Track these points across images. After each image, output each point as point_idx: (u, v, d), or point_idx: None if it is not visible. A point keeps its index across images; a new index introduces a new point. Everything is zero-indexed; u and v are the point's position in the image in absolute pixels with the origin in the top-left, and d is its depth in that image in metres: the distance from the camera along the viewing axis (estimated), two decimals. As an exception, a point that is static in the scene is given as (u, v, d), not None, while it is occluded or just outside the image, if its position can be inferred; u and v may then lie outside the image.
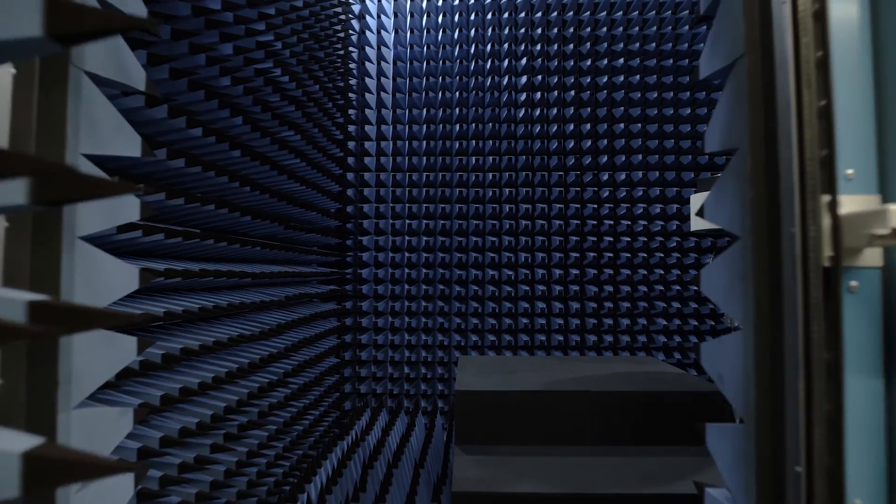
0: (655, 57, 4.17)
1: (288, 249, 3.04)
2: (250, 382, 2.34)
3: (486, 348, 4.13)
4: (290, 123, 2.75)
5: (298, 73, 2.81)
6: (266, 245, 2.64)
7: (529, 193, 4.13)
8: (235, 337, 2.04)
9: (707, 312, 4.12)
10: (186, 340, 1.79)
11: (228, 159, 2.14)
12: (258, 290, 2.67)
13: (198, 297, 2.05)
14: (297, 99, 2.79)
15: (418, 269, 4.14)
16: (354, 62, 4.13)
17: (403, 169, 4.18)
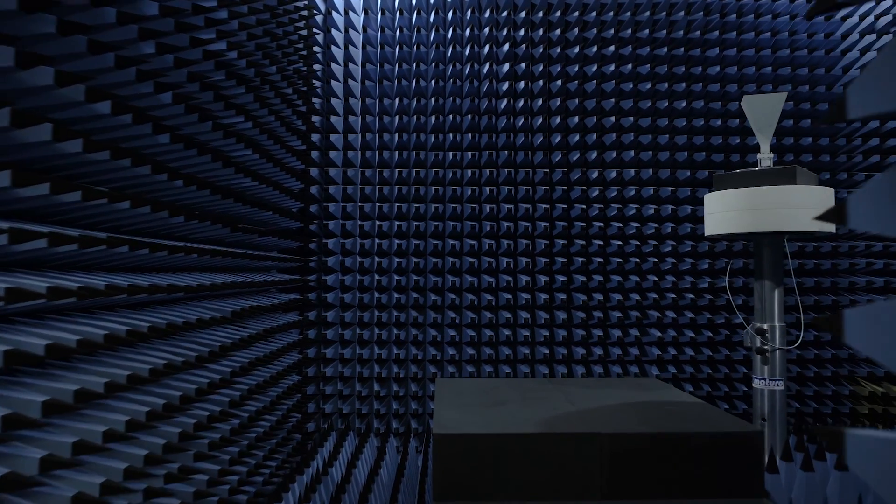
0: (649, 45, 3.84)
1: (239, 256, 2.63)
2: (199, 411, 1.94)
3: (464, 362, 3.77)
4: (238, 108, 2.35)
5: (251, 50, 2.41)
6: (207, 252, 2.23)
7: (512, 192, 3.77)
8: (161, 367, 1.64)
9: (704, 322, 3.81)
10: (90, 377, 1.39)
11: (153, 146, 1.74)
12: (200, 304, 2.26)
13: (115, 316, 1.65)
14: (247, 80, 2.39)
15: (389, 274, 3.75)
16: (320, 46, 3.73)
17: (373, 165, 3.79)
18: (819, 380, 3.89)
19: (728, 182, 2.46)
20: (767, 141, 2.58)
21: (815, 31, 3.90)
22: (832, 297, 3.89)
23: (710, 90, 3.83)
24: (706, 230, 2.59)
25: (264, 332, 2.78)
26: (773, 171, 2.34)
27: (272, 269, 3.43)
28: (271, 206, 3.07)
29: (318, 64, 3.75)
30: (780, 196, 2.26)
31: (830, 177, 3.92)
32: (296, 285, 3.66)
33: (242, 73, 2.35)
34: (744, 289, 3.91)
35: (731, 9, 3.87)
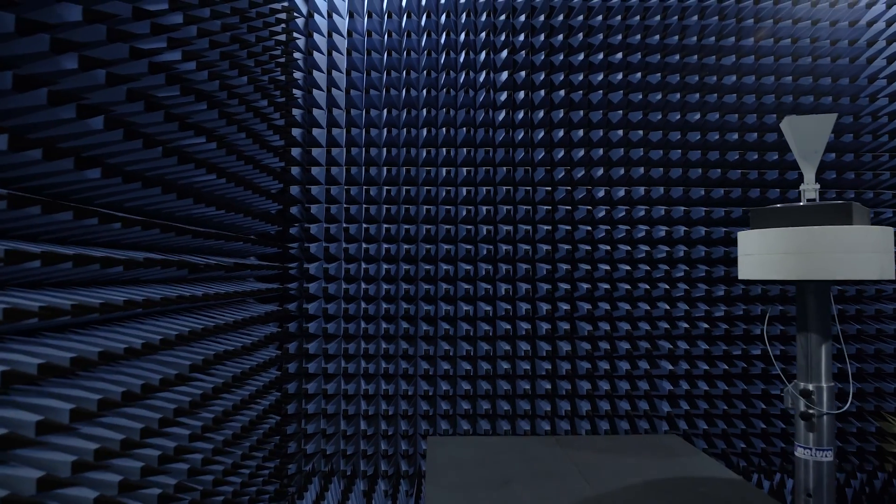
0: (659, 51, 3.54)
1: (195, 268, 2.32)
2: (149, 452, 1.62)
3: (458, 397, 3.46)
4: (197, 128, 2.04)
5: (213, 60, 2.09)
6: (173, 263, 1.91)
7: (510, 212, 3.47)
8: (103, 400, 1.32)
9: (720, 354, 3.52)
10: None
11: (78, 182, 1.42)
12: (163, 321, 1.94)
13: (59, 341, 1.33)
14: (209, 95, 2.08)
15: (377, 302, 3.44)
16: (301, 52, 3.42)
17: (359, 182, 3.48)
18: (842, 416, 3.60)
19: (768, 219, 2.13)
20: (813, 169, 2.28)
21: (838, 38, 3.61)
22: (877, 344, 3.60)
23: (726, 101, 3.54)
24: (741, 273, 2.25)
25: (235, 361, 2.47)
26: (823, 208, 2.02)
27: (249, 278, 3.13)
28: (242, 232, 2.77)
29: (300, 72, 3.43)
30: (833, 238, 1.95)
31: (855, 196, 3.64)
32: (274, 293, 3.35)
33: (202, 87, 2.04)
34: (777, 334, 3.62)
35: (747, 12, 3.59)
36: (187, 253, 2.35)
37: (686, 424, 3.52)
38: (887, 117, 3.67)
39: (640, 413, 3.51)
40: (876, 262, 1.97)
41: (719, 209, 3.55)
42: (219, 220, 2.61)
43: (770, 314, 3.56)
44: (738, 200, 3.60)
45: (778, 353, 3.57)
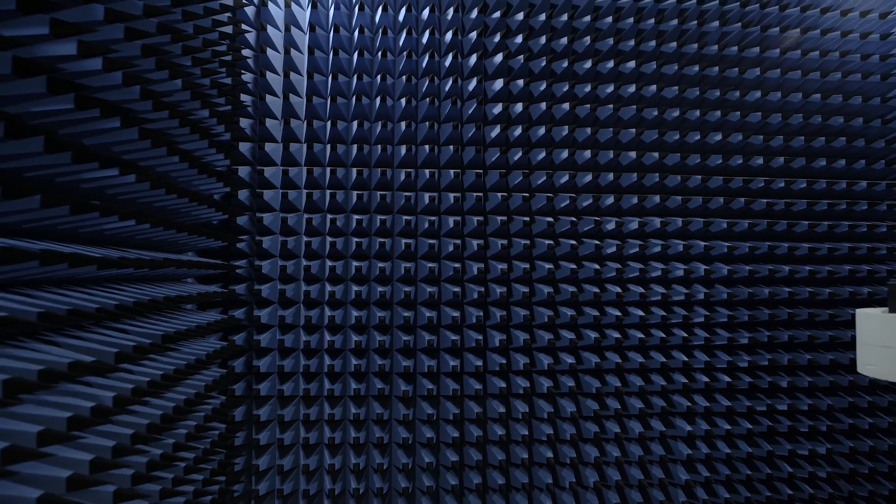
0: (676, 61, 3.10)
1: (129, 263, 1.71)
2: None
3: (442, 444, 2.92)
4: (104, 160, 1.46)
5: (127, 58, 1.51)
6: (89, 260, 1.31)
7: (505, 248, 2.95)
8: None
9: (743, 410, 3.10)
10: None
11: None
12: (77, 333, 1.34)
13: None
14: (122, 108, 1.50)
15: (344, 332, 2.87)
16: (252, 49, 2.83)
17: (322, 209, 2.91)
18: (852, 456, 3.23)
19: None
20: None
21: (869, 53, 3.26)
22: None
23: (749, 121, 3.13)
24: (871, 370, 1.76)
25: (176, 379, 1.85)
26: None
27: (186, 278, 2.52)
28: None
29: (249, 73, 2.85)
30: None
31: (868, 229, 3.29)
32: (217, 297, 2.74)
33: (107, 98, 1.45)
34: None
35: (772, 19, 3.19)
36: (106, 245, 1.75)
37: (705, 493, 3.08)
38: (919, 142, 3.34)
39: (654, 482, 3.05)
40: None
41: (743, 244, 3.14)
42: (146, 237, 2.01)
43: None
44: (763, 234, 3.19)
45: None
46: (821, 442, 3.22)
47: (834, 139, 3.24)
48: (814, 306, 3.26)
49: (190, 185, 2.35)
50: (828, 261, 3.29)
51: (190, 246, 2.61)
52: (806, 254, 3.21)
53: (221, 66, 2.42)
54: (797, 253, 3.20)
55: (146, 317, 2.08)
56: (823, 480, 3.22)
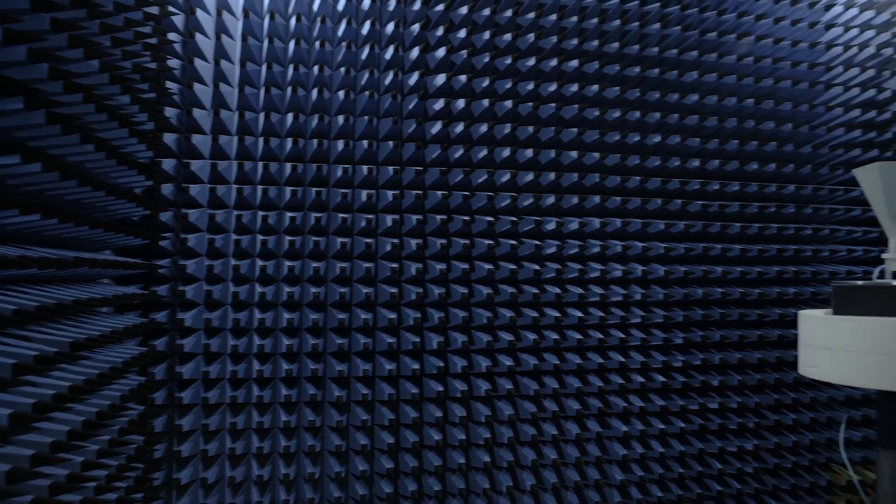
0: (618, 62, 3.11)
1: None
2: None
3: (377, 450, 2.85)
4: (14, 147, 1.31)
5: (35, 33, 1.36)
6: None
7: (444, 248, 2.89)
8: None
9: (677, 410, 3.16)
10: None
11: None
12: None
13: None
14: (28, 87, 1.35)
15: (275, 336, 2.75)
16: (180, 34, 2.66)
17: (253, 205, 2.77)
18: (777, 451, 3.36)
19: (865, 302, 1.63)
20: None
21: (799, 61, 3.36)
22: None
23: (687, 123, 3.17)
24: (813, 371, 1.75)
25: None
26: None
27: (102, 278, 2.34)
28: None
29: (177, 59, 2.67)
30: None
31: (795, 232, 3.41)
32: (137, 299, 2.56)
33: (9, 76, 1.30)
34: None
35: (710, 23, 3.24)
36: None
37: (639, 492, 3.13)
38: (843, 149, 3.47)
39: (590, 483, 3.07)
40: None
41: (679, 245, 3.19)
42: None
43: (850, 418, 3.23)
44: (698, 235, 3.25)
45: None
46: (748, 438, 3.32)
47: (765, 143, 3.33)
48: (744, 306, 3.35)
49: (107, 178, 2.17)
50: (758, 262, 3.39)
51: (107, 244, 2.43)
52: (738, 255, 3.30)
53: (145, 50, 2.25)
54: (730, 254, 3.28)
55: (54, 322, 1.91)
56: (750, 475, 3.33)
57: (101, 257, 2.30)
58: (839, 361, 1.64)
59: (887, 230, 1.89)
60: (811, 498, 3.42)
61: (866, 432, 3.48)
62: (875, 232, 3.53)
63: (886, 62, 3.57)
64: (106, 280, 2.54)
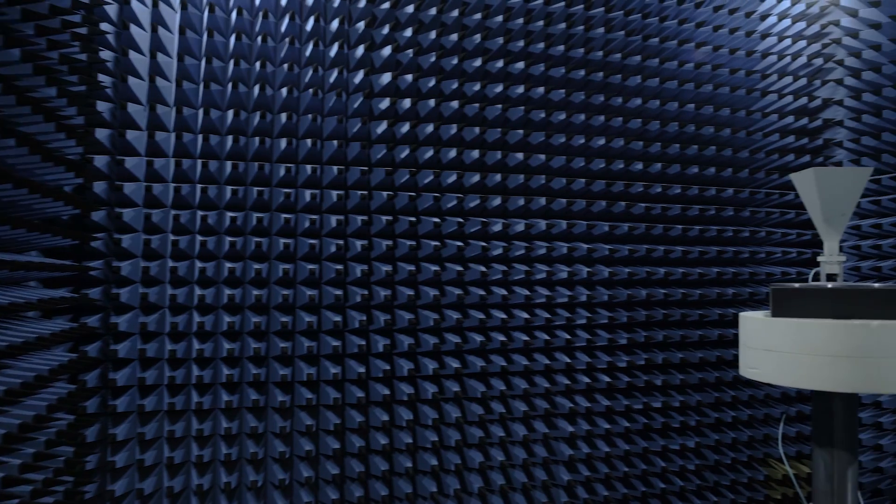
0: (563, 65, 3.14)
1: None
2: None
3: (322, 456, 2.79)
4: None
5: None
6: None
7: (390, 249, 2.86)
8: None
9: (621, 410, 3.21)
10: None
11: None
12: None
13: None
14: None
15: (215, 339, 2.67)
16: (112, 24, 2.55)
17: (192, 205, 2.68)
18: (717, 448, 3.45)
19: (801, 305, 1.65)
20: (837, 236, 1.92)
21: (737, 68, 3.47)
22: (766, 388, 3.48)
23: (630, 126, 3.23)
24: (753, 373, 1.79)
25: None
26: (880, 295, 1.57)
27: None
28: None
29: (110, 51, 2.56)
30: (894, 338, 1.55)
31: (734, 234, 3.52)
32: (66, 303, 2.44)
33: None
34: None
35: (653, 29, 3.31)
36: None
37: (585, 492, 3.16)
38: (778, 154, 3.61)
39: (538, 484, 3.08)
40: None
41: (623, 247, 3.25)
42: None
43: (789, 414, 3.30)
44: (641, 237, 3.32)
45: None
46: (690, 436, 3.40)
47: (705, 147, 3.42)
48: (686, 307, 3.43)
49: (32, 175, 2.06)
50: (698, 263, 3.48)
51: (33, 244, 2.31)
52: (679, 257, 3.38)
53: (74, 40, 2.15)
54: (672, 256, 3.36)
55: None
56: (692, 472, 3.40)
57: (26, 259, 2.19)
58: (777, 363, 1.69)
59: (822, 233, 1.96)
60: (749, 492, 3.52)
61: (800, 427, 3.61)
62: (808, 234, 3.67)
63: (817, 72, 3.72)
64: (32, 283, 2.41)
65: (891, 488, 3.03)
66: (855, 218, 3.49)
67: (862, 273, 3.41)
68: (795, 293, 1.75)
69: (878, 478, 3.14)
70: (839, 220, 1.91)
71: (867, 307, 1.63)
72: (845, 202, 1.90)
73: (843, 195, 1.90)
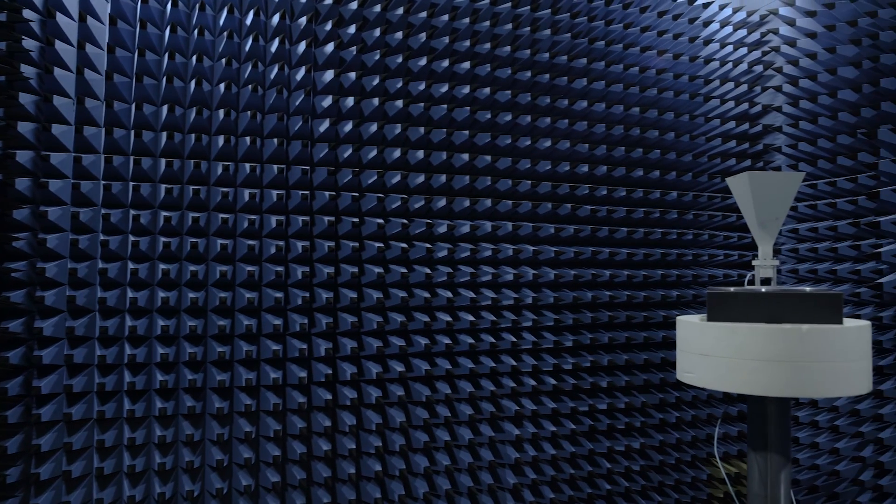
0: (509, 66, 3.15)
1: None
2: None
3: (262, 463, 2.72)
4: None
5: None
6: None
7: (332, 250, 2.82)
8: None
9: (567, 412, 3.23)
10: None
11: None
12: None
13: None
14: None
15: (149, 344, 2.58)
16: (37, 12, 2.45)
17: (125, 204, 2.59)
18: (662, 448, 3.51)
19: (736, 309, 1.66)
20: (771, 240, 1.95)
21: (681, 73, 3.54)
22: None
23: (576, 129, 3.26)
24: (690, 377, 1.80)
25: None
26: (811, 299, 1.59)
27: None
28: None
29: (34, 40, 2.45)
30: (825, 342, 1.57)
31: (678, 237, 3.59)
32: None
33: None
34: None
35: (598, 32, 3.35)
36: None
37: (531, 495, 3.16)
38: (720, 158, 3.69)
39: (484, 488, 3.07)
40: (867, 373, 1.64)
41: (569, 249, 3.27)
42: None
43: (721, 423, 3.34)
44: (587, 239, 3.35)
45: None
46: (635, 437, 3.45)
47: (650, 151, 3.48)
48: (631, 309, 3.48)
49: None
50: (643, 266, 3.54)
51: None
52: (625, 259, 3.43)
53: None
54: (617, 258, 3.40)
55: None
56: (637, 473, 3.45)
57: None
58: (712, 367, 1.71)
59: (757, 237, 2.00)
60: (693, 492, 3.59)
61: (741, 427, 3.70)
62: (749, 237, 3.77)
63: (757, 78, 3.84)
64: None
65: (826, 485, 3.13)
66: (793, 222, 3.61)
67: (800, 275, 3.52)
68: (729, 297, 1.78)
69: (814, 474, 3.23)
70: (773, 223, 1.96)
71: (798, 311, 1.67)
72: (779, 206, 1.95)
73: (776, 199, 1.94)
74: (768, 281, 1.95)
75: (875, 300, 3.00)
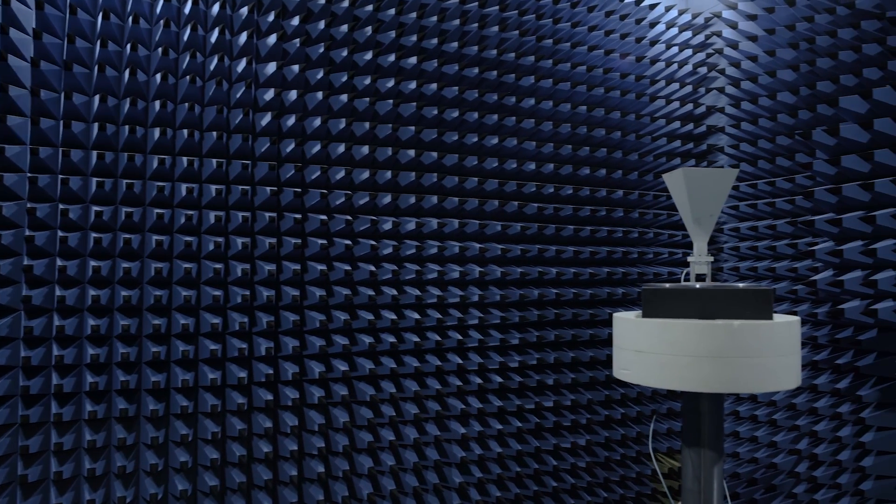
0: (457, 62, 3.15)
1: None
2: None
3: (200, 467, 2.66)
4: None
5: None
6: None
7: (273, 247, 2.77)
8: None
9: (513, 409, 3.25)
10: None
11: None
12: None
13: None
14: None
15: (79, 344, 2.49)
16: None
17: (54, 198, 2.49)
18: (607, 444, 3.58)
19: (670, 305, 1.67)
20: (706, 237, 1.98)
21: (627, 72, 3.60)
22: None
23: (524, 126, 3.28)
24: (625, 374, 1.81)
25: None
26: (742, 295, 1.62)
27: None
28: None
29: (-48, 24, 2.34)
30: (755, 337, 1.60)
31: (623, 235, 3.66)
32: None
33: None
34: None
35: (546, 31, 3.38)
36: None
37: (478, 493, 3.17)
38: (666, 158, 3.77)
39: (429, 487, 3.07)
40: (796, 368, 1.68)
41: (515, 247, 3.29)
42: None
43: (657, 420, 3.37)
44: (534, 237, 3.38)
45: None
46: (581, 434, 3.49)
47: (597, 149, 3.53)
48: (577, 306, 3.53)
49: None
50: (589, 263, 3.59)
51: None
52: (571, 257, 3.46)
53: None
54: (563, 256, 3.44)
55: None
56: (583, 470, 3.49)
57: None
58: (646, 364, 1.73)
59: (692, 234, 2.04)
60: (638, 486, 3.66)
61: (671, 424, 3.79)
62: (693, 236, 3.86)
63: (702, 80, 3.93)
64: None
65: (764, 477, 3.23)
66: (735, 221, 3.71)
67: (741, 273, 3.61)
68: (663, 293, 1.81)
69: (753, 467, 3.33)
70: (707, 220, 2.01)
71: (730, 307, 1.71)
72: (713, 203, 1.99)
73: (710, 196, 1.99)
74: (703, 277, 2.00)
75: (811, 297, 3.10)
